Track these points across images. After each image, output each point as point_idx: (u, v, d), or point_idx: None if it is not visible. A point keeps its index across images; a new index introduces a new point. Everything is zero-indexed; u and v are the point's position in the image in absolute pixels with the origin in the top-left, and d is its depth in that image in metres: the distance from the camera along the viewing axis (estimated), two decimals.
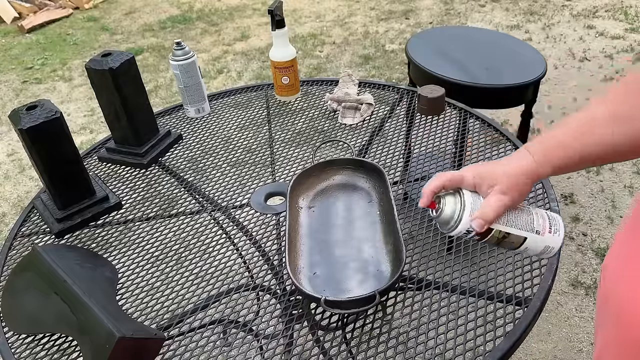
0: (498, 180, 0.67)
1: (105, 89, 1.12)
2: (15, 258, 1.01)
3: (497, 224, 0.67)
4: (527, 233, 0.68)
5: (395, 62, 3.49)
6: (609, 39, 3.50)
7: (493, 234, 0.67)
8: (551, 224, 0.69)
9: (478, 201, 0.67)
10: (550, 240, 0.69)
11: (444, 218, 0.68)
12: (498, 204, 0.66)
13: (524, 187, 0.67)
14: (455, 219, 0.67)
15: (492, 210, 0.66)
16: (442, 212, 0.68)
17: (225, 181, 1.16)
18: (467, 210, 0.66)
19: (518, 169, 0.67)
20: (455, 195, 0.68)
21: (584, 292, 1.85)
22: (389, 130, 1.28)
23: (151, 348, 0.76)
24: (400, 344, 0.77)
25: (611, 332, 0.69)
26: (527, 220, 0.68)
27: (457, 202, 0.67)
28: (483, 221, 0.66)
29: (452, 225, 0.68)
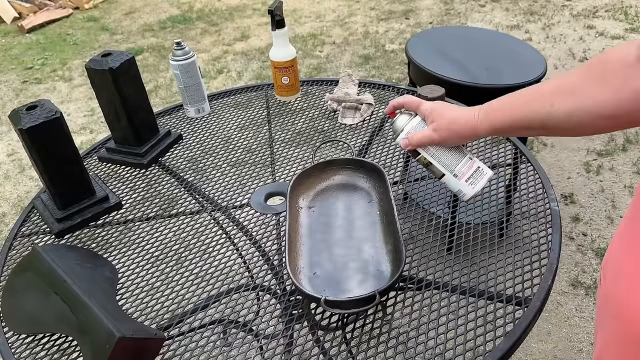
0: (437, 119, 0.80)
1: (105, 89, 1.12)
2: (15, 258, 1.01)
3: (425, 152, 0.84)
4: (445, 171, 0.83)
5: (395, 62, 3.49)
6: (609, 39, 3.50)
7: (420, 157, 0.85)
8: (472, 176, 0.82)
9: (421, 128, 0.83)
10: (464, 187, 0.83)
11: (393, 127, 0.87)
12: (425, 135, 0.82)
13: (459, 133, 0.79)
14: (398, 132, 0.86)
15: (417, 138, 0.83)
16: (394, 122, 0.87)
17: (225, 181, 1.16)
18: (406, 129, 0.85)
19: (458, 116, 0.79)
20: (410, 115, 0.86)
21: (584, 292, 1.85)
22: (389, 130, 1.28)
23: (151, 348, 0.76)
24: (400, 344, 0.77)
25: (611, 330, 0.69)
26: (451, 162, 0.83)
27: (406, 121, 0.85)
28: (407, 141, 0.84)
29: (395, 135, 0.87)
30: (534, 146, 2.61)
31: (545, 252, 0.88)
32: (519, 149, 1.14)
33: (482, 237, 0.93)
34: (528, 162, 1.10)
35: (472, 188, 0.82)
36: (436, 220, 0.98)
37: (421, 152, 0.84)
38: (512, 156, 1.14)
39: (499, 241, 0.93)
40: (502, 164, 1.13)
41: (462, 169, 0.82)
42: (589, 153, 2.52)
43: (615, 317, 0.67)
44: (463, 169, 0.82)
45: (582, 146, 2.57)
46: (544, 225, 0.94)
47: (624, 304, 0.65)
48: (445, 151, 0.83)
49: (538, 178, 1.05)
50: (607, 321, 0.70)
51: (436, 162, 0.83)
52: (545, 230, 0.93)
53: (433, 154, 0.83)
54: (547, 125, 0.69)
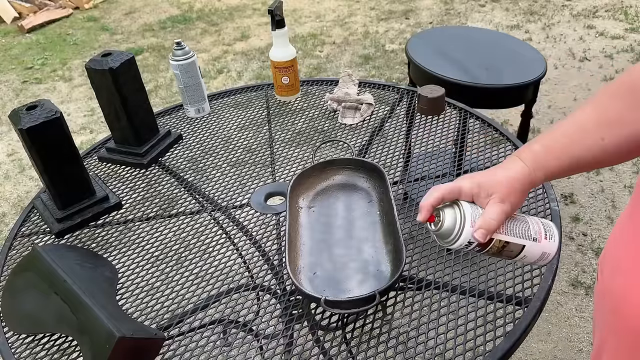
0: (496, 188, 0.66)
1: (105, 89, 1.12)
2: (15, 258, 1.01)
3: (497, 233, 0.66)
4: (525, 241, 0.67)
5: (395, 62, 3.49)
6: (609, 39, 3.50)
7: (493, 244, 0.66)
8: (546, 230, 0.69)
9: (477, 212, 0.66)
10: (547, 246, 0.68)
11: (444, 231, 0.66)
12: (499, 212, 0.65)
13: (520, 194, 0.67)
14: (457, 231, 0.65)
15: (494, 220, 0.65)
16: (442, 225, 0.66)
17: (225, 181, 1.16)
18: (467, 221, 0.65)
19: (513, 175, 0.67)
20: (453, 207, 0.67)
21: (584, 292, 1.85)
22: (389, 130, 1.28)
23: (151, 348, 0.76)
24: (400, 344, 0.77)
25: (609, 326, 0.69)
26: (524, 228, 0.68)
27: (457, 214, 0.66)
28: (486, 231, 0.65)
29: (453, 238, 0.66)
30: None
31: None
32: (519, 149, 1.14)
33: None
34: None
35: (554, 242, 0.69)
36: None
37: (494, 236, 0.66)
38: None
39: None
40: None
41: (536, 229, 0.69)
42: None
43: (612, 312, 0.67)
44: (536, 229, 0.69)
45: None
46: None
47: (621, 298, 0.65)
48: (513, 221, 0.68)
49: None
50: (604, 317, 0.71)
51: (513, 237, 0.67)
52: None
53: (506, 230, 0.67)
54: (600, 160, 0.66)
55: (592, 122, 0.66)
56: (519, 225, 0.68)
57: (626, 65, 3.16)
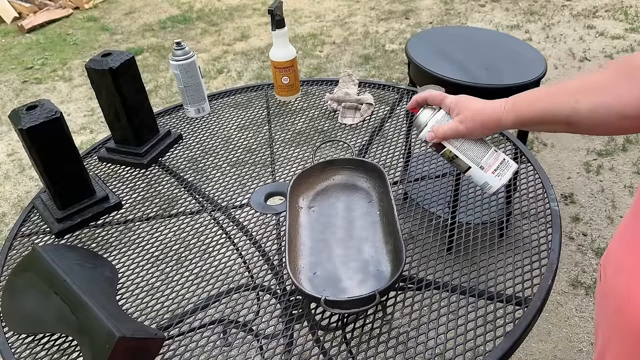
0: (463, 110, 0.79)
1: (105, 89, 1.12)
2: (15, 258, 1.01)
3: (450, 145, 0.82)
4: (471, 163, 0.81)
5: (395, 62, 3.49)
6: (609, 39, 3.50)
7: (445, 151, 0.83)
8: (499, 168, 0.81)
9: (445, 120, 0.82)
10: (491, 179, 0.81)
11: (416, 122, 0.85)
12: (451, 127, 0.80)
13: (485, 125, 0.78)
14: (422, 126, 0.84)
15: (443, 130, 0.80)
16: (417, 117, 0.84)
17: (225, 181, 1.16)
18: (431, 122, 0.82)
19: (484, 108, 0.78)
20: (433, 110, 0.84)
21: (584, 292, 1.85)
22: (389, 130, 1.28)
23: (151, 348, 0.76)
24: (400, 344, 0.77)
25: (613, 326, 0.69)
26: (478, 154, 0.81)
27: (430, 115, 0.83)
28: (433, 134, 0.82)
29: (419, 130, 0.84)
30: (534, 146, 2.61)
31: (545, 252, 0.88)
32: (519, 148, 1.14)
33: (482, 237, 0.93)
34: (528, 162, 1.10)
35: (499, 180, 0.81)
36: (436, 220, 0.98)
37: (446, 145, 0.82)
38: (512, 156, 1.14)
39: (499, 241, 0.93)
40: None
41: (488, 161, 0.81)
42: (589, 153, 2.52)
43: (616, 312, 0.67)
44: (489, 161, 0.81)
45: (582, 146, 2.57)
46: (544, 225, 0.94)
47: (625, 298, 0.65)
48: (471, 144, 0.81)
49: (538, 178, 1.05)
50: (608, 317, 0.70)
51: (462, 155, 0.81)
52: (545, 230, 0.93)
53: (458, 147, 0.81)
54: (570, 121, 0.69)
55: (575, 85, 0.69)
56: (476, 149, 0.81)
57: None
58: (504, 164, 0.81)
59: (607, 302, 0.71)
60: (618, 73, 0.65)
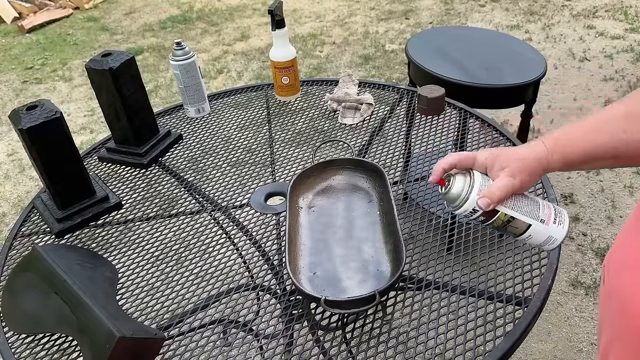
0: (509, 162, 0.68)
1: (105, 89, 1.12)
2: (15, 258, 1.01)
3: (504, 207, 0.68)
4: (532, 220, 0.69)
5: (395, 62, 3.49)
6: (609, 39, 3.50)
7: (498, 216, 0.68)
8: (556, 215, 0.70)
9: (487, 182, 0.68)
10: (554, 230, 0.69)
11: (451, 195, 0.69)
12: (506, 185, 0.67)
13: (533, 173, 0.68)
14: (463, 196, 0.68)
15: (499, 191, 0.67)
16: (450, 189, 0.69)
17: (225, 181, 1.16)
18: (475, 188, 0.68)
19: (530, 154, 0.68)
20: (465, 174, 0.70)
21: (584, 292, 1.85)
22: (389, 130, 1.28)
23: (151, 348, 0.76)
24: (400, 344, 0.77)
25: (616, 326, 0.69)
26: (533, 208, 0.69)
27: (466, 181, 0.69)
28: (489, 200, 0.66)
29: (458, 203, 0.69)
30: None
31: (545, 252, 0.88)
32: None
33: (482, 237, 0.93)
34: None
35: (563, 228, 0.69)
36: (436, 220, 0.98)
37: (500, 209, 0.68)
38: None
39: (499, 241, 0.93)
40: None
41: (545, 212, 0.69)
42: None
43: (620, 312, 0.67)
44: (546, 211, 0.69)
45: None
46: None
47: (628, 298, 0.65)
48: (522, 199, 0.69)
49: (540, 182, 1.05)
50: (612, 317, 0.70)
51: (520, 213, 0.68)
52: None
53: (513, 205, 0.68)
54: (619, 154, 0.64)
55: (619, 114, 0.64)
56: (529, 204, 0.69)
57: (626, 65, 3.16)
58: (558, 211, 0.71)
59: (611, 302, 0.70)
60: None
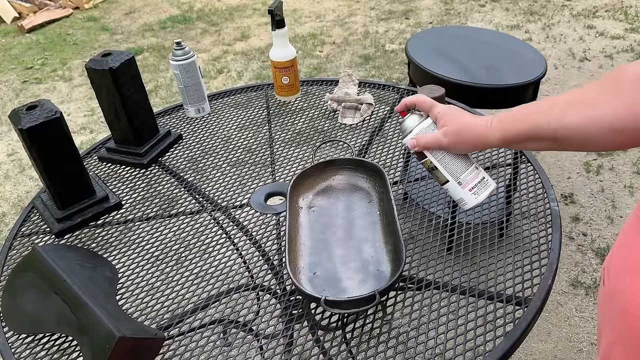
0: (448, 123, 0.78)
1: (105, 89, 1.12)
2: (15, 258, 1.01)
3: (432, 156, 0.81)
4: (450, 177, 0.81)
5: (395, 62, 3.49)
6: (609, 39, 3.50)
7: (425, 161, 0.83)
8: (477, 186, 0.80)
9: (429, 130, 0.81)
10: (467, 196, 0.81)
11: (402, 126, 0.84)
12: (434, 138, 0.79)
13: (467, 142, 0.77)
14: (407, 132, 0.83)
15: (426, 140, 0.80)
16: (404, 122, 0.84)
17: (225, 181, 1.16)
18: (415, 130, 0.82)
19: (470, 123, 0.76)
20: (421, 116, 0.83)
21: (584, 292, 1.85)
22: (389, 130, 1.28)
23: (151, 348, 0.76)
24: (400, 344, 0.77)
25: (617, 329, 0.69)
26: (457, 169, 0.80)
27: (416, 121, 0.82)
28: (415, 142, 0.81)
29: (403, 135, 0.84)
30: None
31: (545, 252, 0.88)
32: None
33: (482, 237, 0.93)
34: (528, 162, 1.10)
35: (475, 198, 0.80)
36: (436, 220, 0.98)
37: (428, 155, 0.82)
38: (512, 156, 1.14)
39: (499, 241, 0.93)
40: (502, 164, 1.13)
41: (467, 178, 0.80)
42: (589, 153, 2.52)
43: (621, 314, 0.67)
44: (468, 178, 0.80)
45: None
46: (544, 225, 0.94)
47: (629, 300, 0.65)
48: (453, 157, 0.80)
49: (538, 178, 1.05)
50: (612, 319, 0.70)
51: (442, 167, 0.81)
52: (545, 230, 0.93)
53: (440, 159, 0.81)
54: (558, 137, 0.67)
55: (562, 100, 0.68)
56: (456, 164, 0.81)
57: None
58: (482, 183, 0.81)
59: (612, 304, 0.70)
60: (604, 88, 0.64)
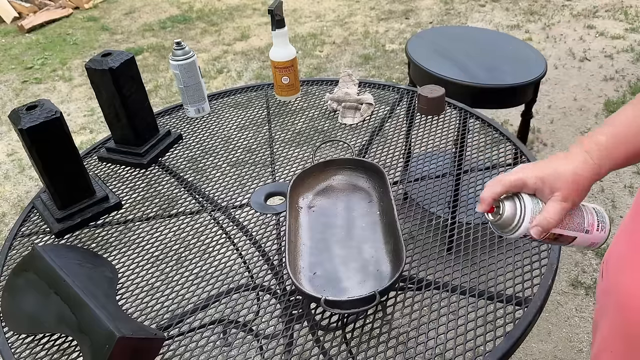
0: (559, 185, 0.66)
1: (105, 89, 1.12)
2: (15, 258, 1.01)
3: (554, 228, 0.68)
4: (577, 233, 0.70)
5: (395, 62, 3.49)
6: (609, 39, 3.50)
7: (547, 236, 0.69)
8: (598, 221, 0.71)
9: (537, 206, 0.68)
10: (597, 236, 0.71)
11: (503, 223, 0.68)
12: (559, 211, 0.66)
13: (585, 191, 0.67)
14: (515, 224, 0.68)
15: (554, 219, 0.66)
16: (502, 217, 0.68)
17: (225, 181, 1.16)
18: (527, 216, 0.67)
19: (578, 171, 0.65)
20: (514, 199, 0.68)
21: (584, 292, 1.85)
22: (389, 130, 1.28)
23: (151, 348, 0.76)
24: (400, 344, 0.77)
25: (613, 324, 0.69)
26: (579, 221, 0.70)
27: (518, 208, 0.68)
28: (542, 229, 0.66)
29: (511, 230, 0.69)
30: (534, 146, 2.61)
31: (545, 252, 0.88)
32: (519, 149, 1.14)
33: (482, 237, 0.93)
34: (528, 162, 1.10)
35: (604, 232, 0.72)
36: (436, 220, 0.98)
37: None
38: (512, 156, 1.14)
39: (499, 241, 0.93)
40: (502, 164, 1.13)
41: (589, 221, 0.71)
42: None
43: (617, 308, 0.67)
44: (589, 220, 0.71)
45: None
46: None
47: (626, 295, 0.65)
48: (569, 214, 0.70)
49: None
50: (608, 314, 0.70)
51: (566, 230, 0.70)
52: None
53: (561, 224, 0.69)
54: None
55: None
56: (575, 218, 0.70)
57: (626, 65, 3.16)
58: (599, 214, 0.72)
59: (609, 298, 0.70)
60: None
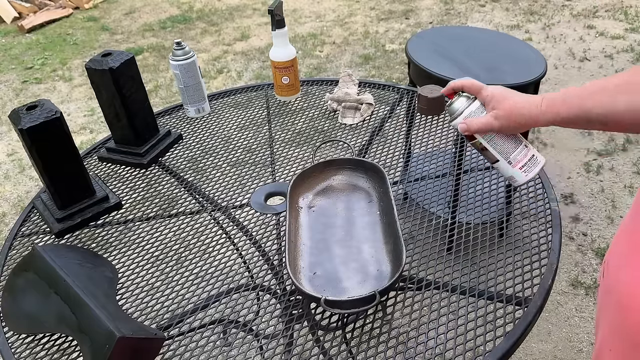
0: (498, 105, 0.78)
1: (105, 89, 1.12)
2: (15, 258, 1.01)
3: (481, 137, 0.83)
4: (500, 157, 0.83)
5: (395, 62, 3.49)
6: (609, 39, 3.50)
7: (475, 142, 0.84)
8: (526, 164, 0.82)
9: (478, 112, 0.82)
10: (517, 174, 0.83)
11: (450, 109, 0.85)
12: (485, 122, 0.80)
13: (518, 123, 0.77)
14: (455, 114, 0.84)
15: (476, 125, 0.81)
16: (452, 104, 0.85)
17: (225, 181, 1.16)
18: (465, 113, 0.83)
19: (520, 104, 0.76)
20: (469, 99, 0.83)
21: (584, 292, 1.85)
22: (389, 130, 1.28)
23: (151, 348, 0.76)
24: (400, 344, 0.77)
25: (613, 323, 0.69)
26: (508, 148, 0.82)
27: (465, 104, 0.83)
28: (466, 126, 0.82)
29: (452, 118, 0.85)
30: (534, 146, 2.61)
31: (545, 252, 0.88)
32: None
33: (482, 237, 0.93)
34: None
35: (525, 175, 0.82)
36: (436, 220, 0.98)
37: (477, 137, 0.83)
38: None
39: (499, 241, 0.93)
40: None
41: (517, 157, 0.82)
42: (589, 153, 2.52)
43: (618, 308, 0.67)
44: (518, 157, 0.82)
45: (582, 146, 2.57)
46: (544, 225, 0.94)
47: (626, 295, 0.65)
48: (502, 137, 0.82)
49: (538, 178, 1.05)
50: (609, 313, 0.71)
51: (492, 148, 0.82)
52: (545, 230, 0.93)
53: (489, 139, 0.82)
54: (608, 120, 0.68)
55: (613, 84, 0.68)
56: (507, 144, 0.82)
57: (626, 65, 3.16)
58: (532, 160, 0.82)
59: (609, 297, 0.71)
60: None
